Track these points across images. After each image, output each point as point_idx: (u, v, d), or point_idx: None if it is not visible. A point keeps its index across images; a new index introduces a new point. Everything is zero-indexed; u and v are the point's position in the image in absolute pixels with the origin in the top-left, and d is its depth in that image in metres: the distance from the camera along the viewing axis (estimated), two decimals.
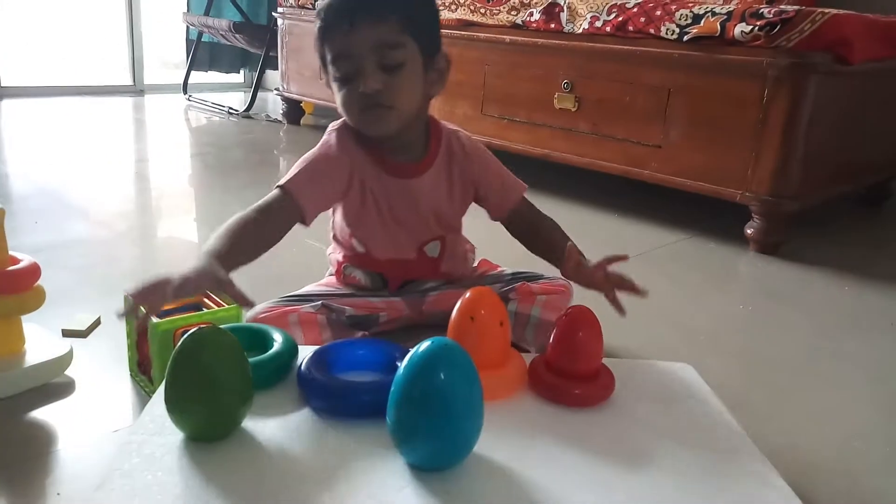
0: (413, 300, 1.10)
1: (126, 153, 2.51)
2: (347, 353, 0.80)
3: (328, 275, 1.16)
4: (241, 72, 4.02)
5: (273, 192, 0.98)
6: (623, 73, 1.87)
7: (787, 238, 1.72)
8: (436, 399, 0.61)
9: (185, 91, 3.54)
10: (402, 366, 0.63)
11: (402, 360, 0.64)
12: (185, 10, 3.60)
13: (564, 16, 1.95)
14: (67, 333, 1.10)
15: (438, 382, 0.61)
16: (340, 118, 1.03)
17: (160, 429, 0.67)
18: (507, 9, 2.09)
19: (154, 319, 0.90)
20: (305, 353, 0.78)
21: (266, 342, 0.79)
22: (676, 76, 1.77)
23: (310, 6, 2.78)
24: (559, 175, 2.25)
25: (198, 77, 3.70)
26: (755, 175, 1.67)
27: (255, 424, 0.69)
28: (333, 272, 1.14)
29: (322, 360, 0.76)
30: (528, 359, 0.82)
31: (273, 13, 3.06)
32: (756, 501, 0.64)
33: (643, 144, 1.86)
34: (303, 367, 0.75)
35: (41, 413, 0.92)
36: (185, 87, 3.55)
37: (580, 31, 1.92)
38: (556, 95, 2.01)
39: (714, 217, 1.93)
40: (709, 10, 1.69)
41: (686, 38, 1.71)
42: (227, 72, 3.87)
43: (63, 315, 1.14)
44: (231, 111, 3.26)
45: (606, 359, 0.81)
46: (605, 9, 1.86)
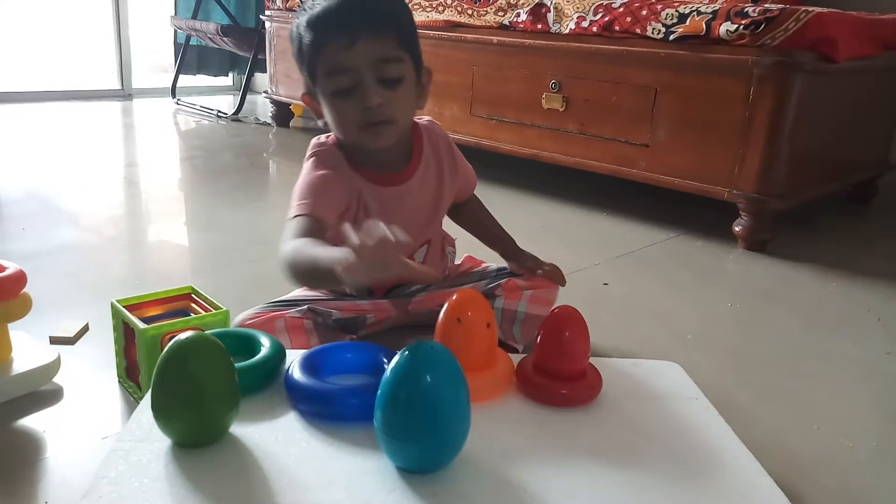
0: (399, 301, 1.11)
1: (115, 158, 2.50)
2: (335, 357, 0.80)
3: None
4: (230, 75, 4.01)
5: (299, 221, 0.92)
6: (610, 73, 1.88)
7: (775, 236, 1.73)
8: (422, 402, 0.61)
9: (174, 95, 3.52)
10: (389, 368, 0.63)
11: (389, 363, 0.64)
12: (173, 14, 3.58)
13: (551, 16, 1.96)
14: (55, 340, 1.10)
15: (424, 385, 0.61)
16: (314, 138, 1.02)
17: (147, 435, 0.67)
18: (494, 10, 2.10)
19: (141, 325, 0.89)
20: (293, 358, 0.78)
21: (253, 347, 0.79)
22: (663, 75, 1.78)
23: (297, 8, 2.77)
24: (548, 175, 2.25)
25: (186, 81, 3.68)
26: (742, 173, 1.68)
27: (243, 430, 0.69)
28: None
29: (309, 364, 0.76)
30: (516, 359, 0.82)
31: (261, 16, 3.06)
32: (743, 500, 0.65)
33: (631, 144, 1.87)
34: (290, 372, 0.75)
35: (29, 421, 0.91)
36: (174, 91, 3.53)
37: (567, 32, 1.92)
38: (544, 96, 2.01)
39: (702, 215, 1.94)
40: (694, 10, 1.69)
41: (672, 38, 1.72)
42: (216, 75, 3.87)
43: (51, 322, 1.13)
44: (220, 114, 3.25)
45: (593, 358, 0.81)
46: (592, 9, 1.87)
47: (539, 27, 1.99)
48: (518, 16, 2.03)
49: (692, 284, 1.53)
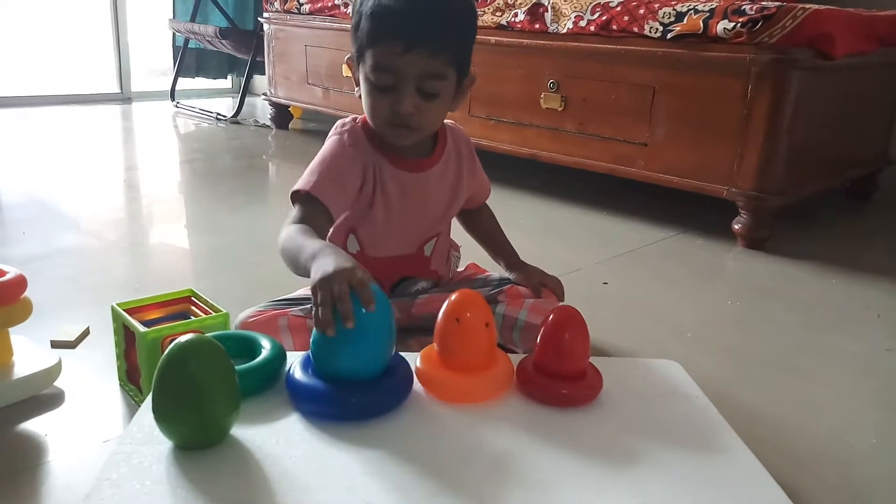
0: (402, 303, 1.11)
1: (114, 161, 2.50)
2: None
3: None
4: (229, 77, 4.01)
5: (301, 201, 0.96)
6: (608, 72, 1.88)
7: (774, 233, 1.73)
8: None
9: (173, 98, 3.53)
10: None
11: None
12: (171, 17, 3.59)
13: (549, 16, 1.96)
14: (56, 344, 1.10)
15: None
16: (340, 119, 1.04)
17: (148, 438, 0.67)
18: (492, 10, 2.10)
19: (141, 328, 0.90)
20: (294, 358, 0.78)
21: (254, 349, 0.79)
22: (661, 74, 1.78)
23: (294, 10, 2.78)
24: (547, 174, 2.26)
25: (185, 83, 3.69)
26: (741, 171, 1.68)
27: (244, 432, 0.69)
28: None
29: (310, 364, 0.76)
30: (516, 359, 0.82)
31: (259, 18, 3.06)
32: (743, 496, 0.65)
33: (629, 143, 1.87)
34: (291, 371, 0.75)
35: (31, 424, 0.92)
36: (173, 94, 3.54)
37: (565, 31, 1.92)
38: (543, 95, 2.02)
39: (701, 213, 1.94)
40: (691, 8, 1.70)
41: (669, 36, 1.72)
42: (215, 78, 3.87)
43: (52, 326, 1.14)
44: (219, 117, 3.25)
45: (594, 357, 0.82)
46: (589, 8, 1.87)
47: (537, 27, 1.99)
48: (516, 16, 2.03)
49: (691, 283, 1.53)
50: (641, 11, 1.77)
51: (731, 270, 1.65)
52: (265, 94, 3.11)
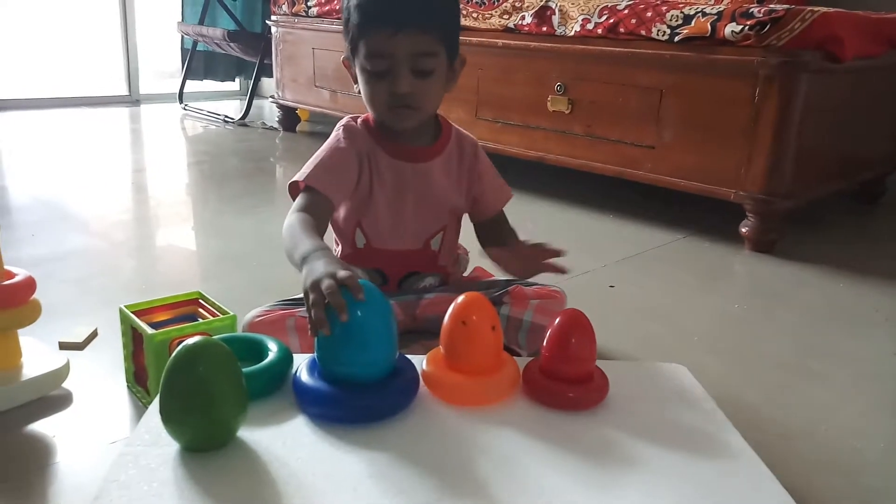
0: (408, 303, 1.11)
1: (123, 163, 2.52)
2: None
3: None
4: (237, 80, 4.02)
5: (301, 193, 1.01)
6: (615, 75, 1.88)
7: (782, 236, 1.72)
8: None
9: (181, 100, 3.54)
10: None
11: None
12: (180, 20, 3.60)
13: (556, 19, 1.96)
14: (64, 346, 1.10)
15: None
16: (340, 119, 1.08)
17: (156, 440, 0.67)
18: (500, 13, 2.10)
19: (149, 330, 0.90)
20: (300, 360, 0.78)
21: (261, 351, 0.80)
22: (668, 77, 1.78)
23: (302, 13, 2.79)
24: (554, 177, 2.25)
25: (193, 86, 3.70)
26: (748, 174, 1.67)
27: (251, 434, 0.69)
28: None
29: (317, 367, 0.76)
30: (522, 363, 0.82)
31: (267, 21, 3.07)
32: (751, 501, 0.65)
33: (637, 145, 1.87)
34: (298, 374, 0.75)
35: (39, 426, 0.92)
36: (181, 97, 3.55)
37: (572, 34, 1.92)
38: (550, 98, 2.02)
39: (709, 216, 1.93)
40: (699, 11, 1.69)
41: (677, 39, 1.72)
42: (223, 80, 3.88)
43: (60, 328, 1.14)
44: (227, 119, 3.26)
45: (600, 360, 0.81)
46: (597, 11, 1.87)
47: (544, 30, 1.99)
48: (523, 18, 2.03)
49: (699, 286, 1.53)
50: (649, 14, 1.77)
51: (739, 274, 1.64)
52: (273, 97, 3.11)
